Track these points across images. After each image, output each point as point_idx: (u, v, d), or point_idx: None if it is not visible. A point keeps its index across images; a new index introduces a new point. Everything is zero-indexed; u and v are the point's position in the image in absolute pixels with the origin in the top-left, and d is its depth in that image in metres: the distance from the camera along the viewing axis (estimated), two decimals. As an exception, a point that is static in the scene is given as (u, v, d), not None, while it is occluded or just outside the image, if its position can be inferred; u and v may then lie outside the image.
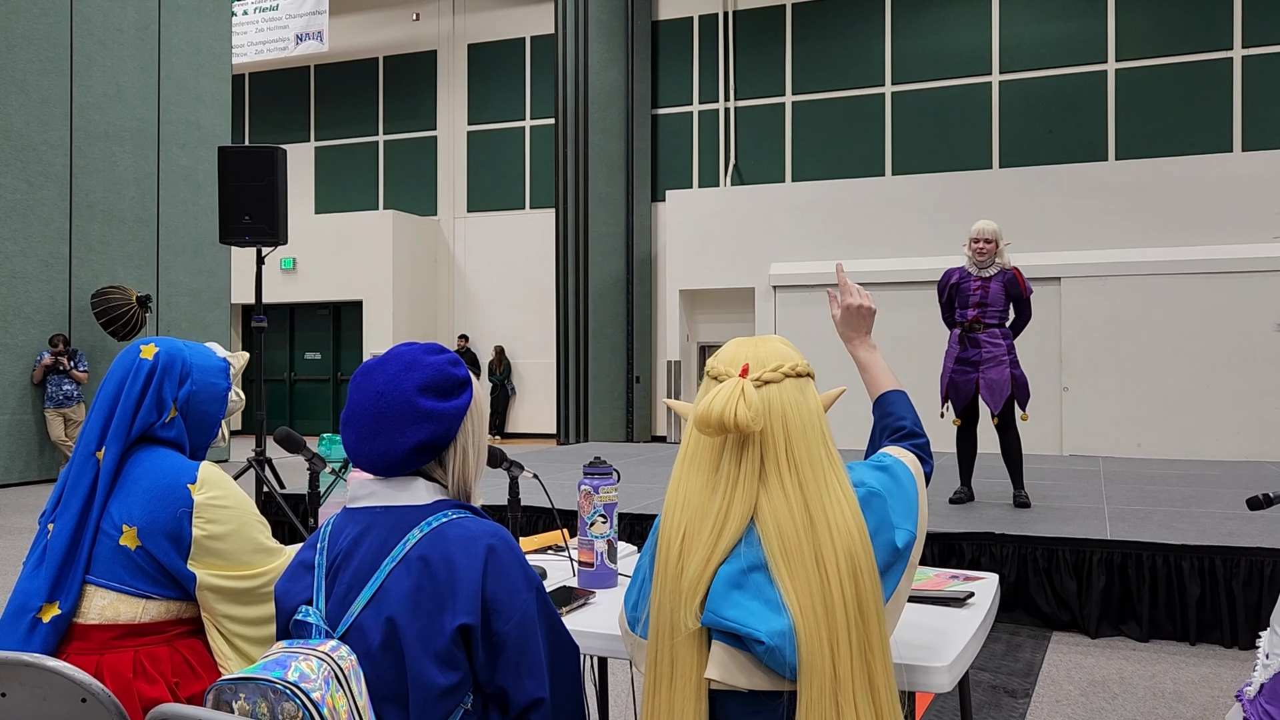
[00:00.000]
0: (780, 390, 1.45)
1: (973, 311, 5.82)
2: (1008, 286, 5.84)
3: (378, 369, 1.52)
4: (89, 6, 11.19)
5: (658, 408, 14.78)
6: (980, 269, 5.83)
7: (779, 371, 1.46)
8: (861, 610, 1.37)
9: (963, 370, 5.84)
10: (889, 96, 13.81)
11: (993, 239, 5.79)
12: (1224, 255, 11.12)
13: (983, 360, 5.78)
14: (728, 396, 1.40)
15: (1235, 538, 4.71)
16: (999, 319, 5.85)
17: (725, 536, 1.39)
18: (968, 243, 5.87)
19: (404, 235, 15.98)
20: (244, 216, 7.17)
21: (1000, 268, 5.83)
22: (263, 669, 1.34)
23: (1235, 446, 10.83)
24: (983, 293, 5.81)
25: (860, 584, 1.37)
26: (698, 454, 1.46)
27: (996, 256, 5.81)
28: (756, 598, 1.36)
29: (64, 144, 10.89)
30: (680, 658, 1.39)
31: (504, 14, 16.37)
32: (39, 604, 1.83)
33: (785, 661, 1.33)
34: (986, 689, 3.88)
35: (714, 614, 1.36)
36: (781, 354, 1.49)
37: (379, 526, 1.48)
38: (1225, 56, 12.31)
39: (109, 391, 1.94)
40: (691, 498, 1.44)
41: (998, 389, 5.74)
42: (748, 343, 1.52)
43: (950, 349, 5.91)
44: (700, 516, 1.42)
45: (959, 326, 5.89)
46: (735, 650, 1.36)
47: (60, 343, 10.54)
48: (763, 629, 1.33)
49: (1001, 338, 5.83)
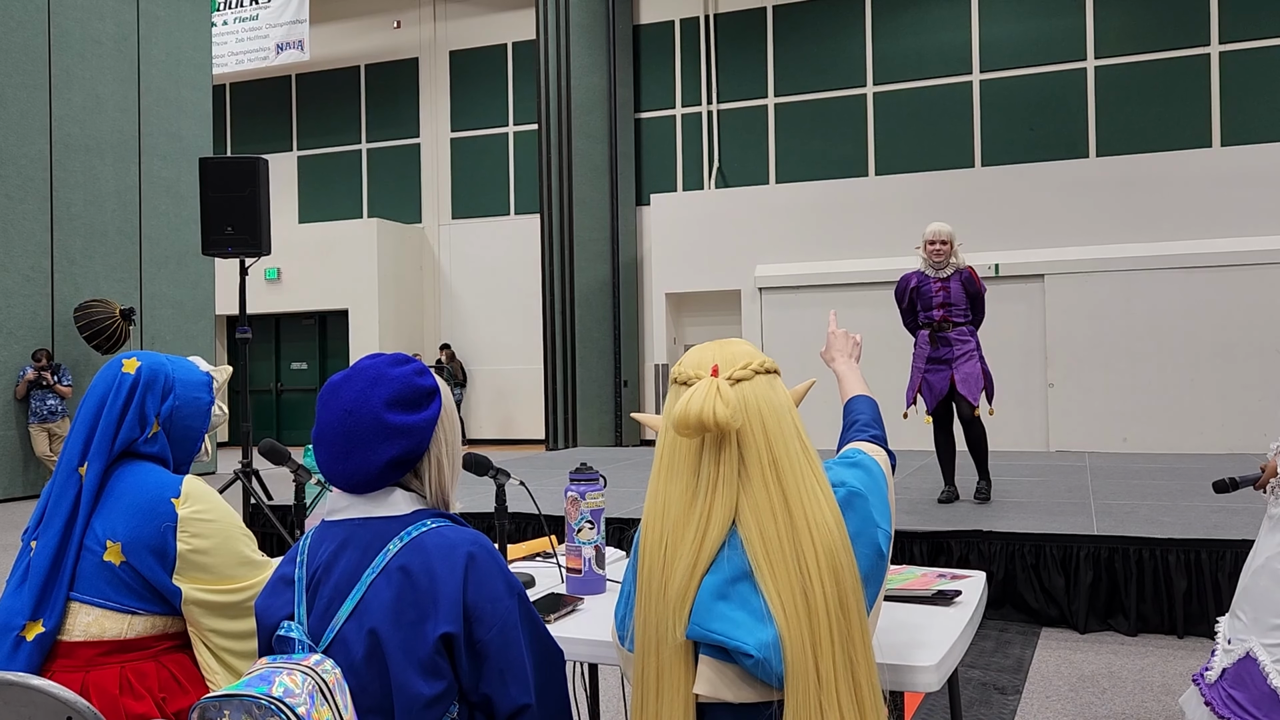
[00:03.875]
0: (753, 387, 1.44)
1: (939, 312, 5.92)
2: (966, 285, 5.94)
3: (343, 385, 1.50)
4: (67, 19, 11.13)
5: (646, 412, 14.77)
6: (937, 270, 5.92)
7: (749, 369, 1.45)
8: (843, 606, 1.36)
9: (935, 369, 5.92)
10: (870, 97, 13.86)
11: (947, 240, 5.91)
12: (1205, 250, 11.19)
13: (955, 357, 5.89)
14: (704, 396, 1.39)
15: (1220, 530, 4.74)
16: (964, 316, 5.95)
17: (709, 541, 1.38)
18: (922, 245, 5.96)
19: (388, 243, 15.94)
20: (227, 227, 7.13)
21: (955, 268, 5.93)
22: (247, 685, 1.33)
23: (1219, 439, 10.90)
24: (945, 293, 5.91)
25: (841, 580, 1.37)
26: (674, 462, 1.45)
27: (951, 257, 5.90)
28: (742, 608, 1.35)
29: (44, 157, 10.83)
30: (667, 671, 1.38)
31: (485, 20, 16.36)
32: (22, 622, 1.82)
33: (773, 672, 1.32)
34: (976, 686, 3.89)
35: (700, 627, 1.35)
36: (748, 352, 1.49)
37: (358, 539, 1.48)
38: (1203, 53, 12.40)
39: (91, 407, 1.93)
40: (671, 506, 1.42)
41: (973, 381, 5.83)
42: (712, 346, 1.51)
43: (920, 350, 5.99)
44: (681, 524, 1.41)
45: (927, 327, 5.97)
46: (722, 663, 1.36)
47: (43, 357, 10.47)
48: (750, 641, 1.32)
49: (969, 334, 5.95)
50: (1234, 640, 2.43)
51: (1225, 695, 2.39)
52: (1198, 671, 2.56)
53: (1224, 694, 2.40)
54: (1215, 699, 2.42)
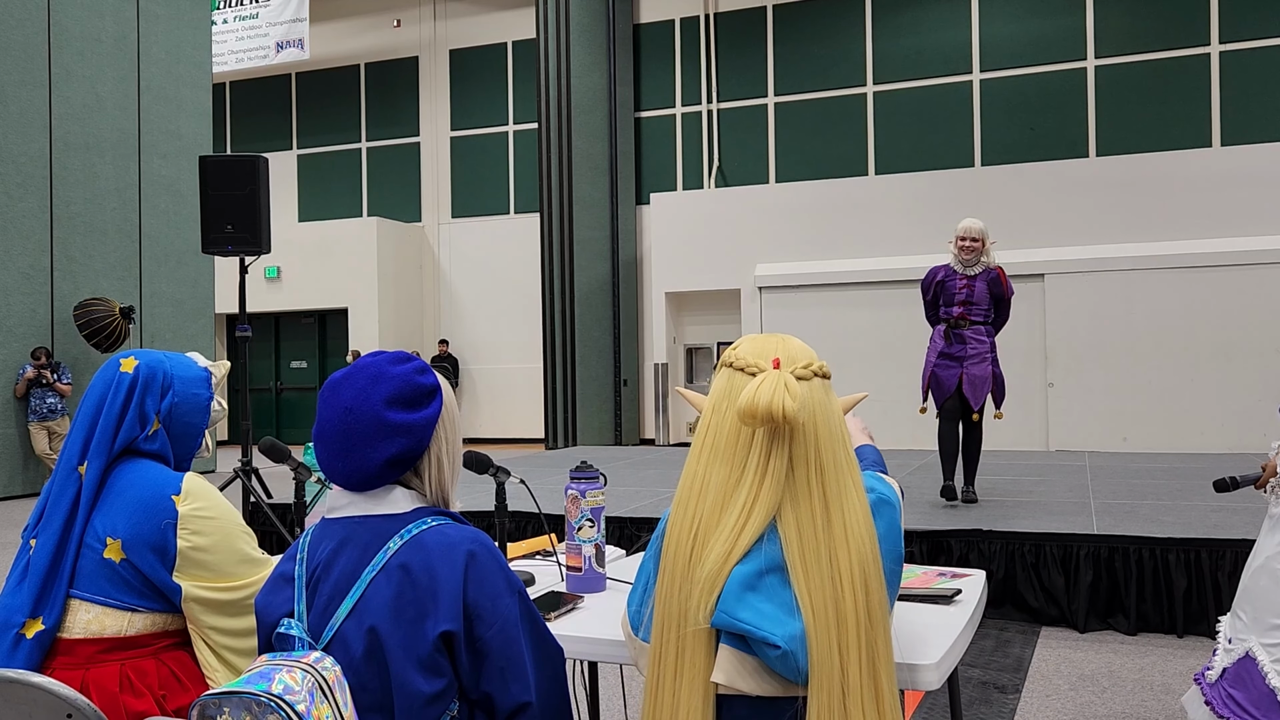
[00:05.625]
0: (811, 388, 1.44)
1: (958, 309, 5.88)
2: (991, 286, 5.89)
3: (344, 383, 1.50)
4: (66, 17, 11.12)
5: (646, 411, 14.78)
6: (966, 267, 5.88)
7: (809, 369, 1.45)
8: (870, 616, 1.36)
9: (946, 365, 5.88)
10: (871, 96, 13.86)
11: (980, 238, 5.85)
12: (1205, 249, 11.19)
13: (967, 356, 5.84)
14: (774, 387, 1.37)
15: (1220, 530, 4.74)
16: (984, 317, 5.90)
17: (748, 531, 1.37)
18: (954, 240, 5.91)
19: (388, 242, 15.94)
20: (226, 226, 7.13)
21: (985, 266, 5.88)
22: (246, 682, 1.33)
23: (1219, 439, 10.90)
24: (968, 291, 5.87)
25: (870, 590, 1.37)
26: (719, 446, 1.43)
27: (983, 255, 5.86)
28: (770, 600, 1.34)
29: (43, 155, 10.82)
30: (687, 654, 1.37)
31: (485, 19, 16.35)
32: (22, 620, 1.81)
33: (798, 667, 1.32)
34: (976, 685, 3.89)
35: (727, 615, 1.34)
36: (807, 352, 1.48)
37: (358, 536, 1.47)
38: (1203, 52, 12.40)
39: (90, 407, 1.93)
40: (711, 489, 1.41)
41: (980, 385, 5.80)
42: (771, 339, 1.50)
43: (934, 344, 5.96)
44: (720, 509, 1.39)
45: (944, 323, 5.92)
46: (743, 654, 1.35)
47: (43, 355, 10.46)
48: (778, 633, 1.31)
49: (986, 335, 5.89)
50: (1234, 640, 2.43)
51: (1225, 695, 2.39)
52: (1199, 671, 2.56)
53: (1224, 693, 2.40)
54: (1215, 699, 2.42)
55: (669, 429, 13.94)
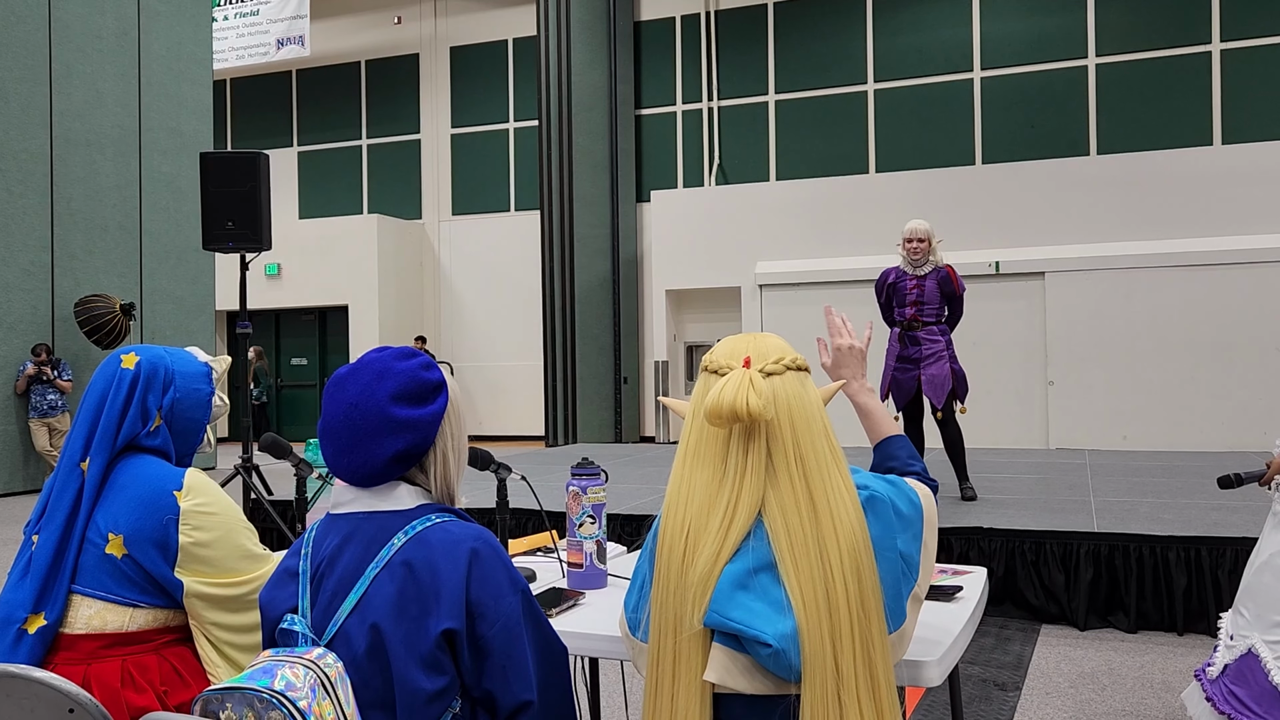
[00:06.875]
0: (784, 382, 1.45)
1: (910, 310, 5.95)
2: (942, 284, 5.95)
3: (349, 379, 1.50)
4: (67, 13, 11.12)
5: (646, 408, 14.78)
6: (915, 267, 5.96)
7: (780, 364, 1.46)
8: (864, 605, 1.36)
9: (904, 368, 5.98)
10: (871, 94, 13.85)
11: (925, 238, 5.93)
12: (1206, 248, 11.19)
13: (923, 357, 5.93)
14: (737, 386, 1.39)
15: (1220, 528, 4.74)
16: (936, 316, 5.98)
17: (734, 530, 1.38)
18: (901, 243, 5.99)
19: (389, 239, 15.93)
20: (227, 222, 7.13)
21: (934, 265, 5.95)
22: (249, 678, 1.33)
23: (1219, 437, 10.90)
24: (919, 291, 5.94)
25: (862, 579, 1.37)
26: (700, 449, 1.45)
27: (930, 255, 5.92)
28: (761, 599, 1.35)
29: (44, 152, 10.82)
30: (684, 657, 1.38)
31: (486, 16, 16.34)
32: (24, 615, 1.82)
33: (790, 665, 1.32)
34: (976, 682, 3.89)
35: (719, 615, 1.35)
36: (780, 347, 1.49)
37: (362, 533, 1.47)
38: (1204, 50, 12.39)
39: (92, 403, 1.93)
40: (697, 492, 1.43)
41: (939, 384, 5.87)
42: (745, 338, 1.51)
43: (891, 348, 6.07)
44: (707, 511, 1.41)
45: (898, 325, 6.01)
46: (736, 653, 1.35)
47: (43, 352, 10.47)
48: (769, 631, 1.32)
49: (940, 334, 5.97)
50: (1236, 636, 2.43)
51: (1226, 691, 2.40)
52: (1200, 667, 2.56)
53: (1225, 690, 2.40)
54: (1216, 695, 2.42)
55: (669, 426, 13.95)
